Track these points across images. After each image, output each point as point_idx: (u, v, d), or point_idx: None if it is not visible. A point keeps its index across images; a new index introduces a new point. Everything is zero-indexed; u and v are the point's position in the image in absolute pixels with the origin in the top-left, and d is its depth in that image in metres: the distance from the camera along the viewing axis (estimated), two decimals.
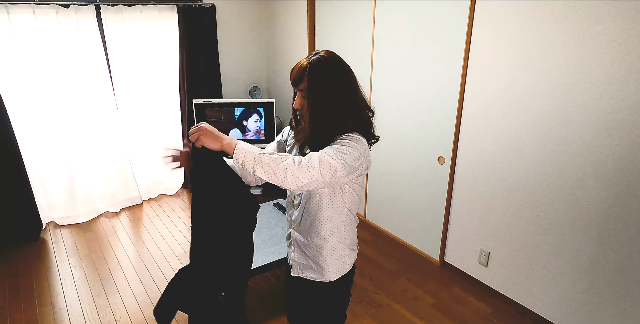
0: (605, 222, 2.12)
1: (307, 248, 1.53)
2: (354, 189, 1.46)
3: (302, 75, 1.33)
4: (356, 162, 1.32)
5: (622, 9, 1.87)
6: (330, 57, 1.34)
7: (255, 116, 4.13)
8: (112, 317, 2.59)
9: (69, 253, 3.28)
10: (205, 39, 3.98)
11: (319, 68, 1.32)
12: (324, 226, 1.47)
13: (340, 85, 1.35)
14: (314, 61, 1.32)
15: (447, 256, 3.05)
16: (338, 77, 1.34)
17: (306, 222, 1.51)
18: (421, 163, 3.05)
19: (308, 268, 1.55)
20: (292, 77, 1.36)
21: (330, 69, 1.33)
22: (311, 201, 1.46)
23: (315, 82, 1.32)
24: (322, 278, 1.54)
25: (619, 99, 1.95)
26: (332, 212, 1.46)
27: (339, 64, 1.36)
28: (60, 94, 3.46)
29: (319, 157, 1.25)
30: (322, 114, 1.35)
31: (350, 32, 3.39)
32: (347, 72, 1.37)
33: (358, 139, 1.36)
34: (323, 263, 1.52)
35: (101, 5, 3.45)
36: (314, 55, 1.35)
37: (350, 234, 1.55)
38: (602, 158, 2.07)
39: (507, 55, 2.35)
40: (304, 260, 1.55)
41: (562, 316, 2.42)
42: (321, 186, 1.28)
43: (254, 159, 1.21)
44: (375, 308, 2.68)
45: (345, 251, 1.54)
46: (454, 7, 2.57)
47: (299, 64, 1.35)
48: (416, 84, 2.94)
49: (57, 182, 3.68)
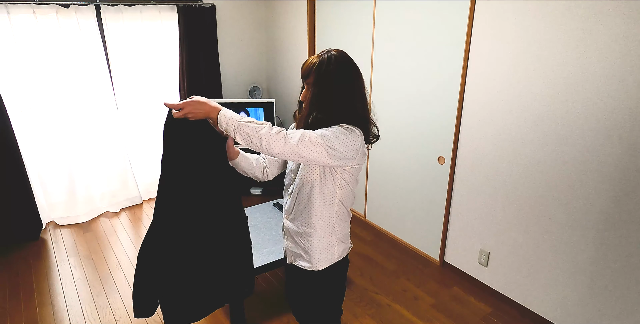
0: (605, 222, 2.12)
1: (297, 236, 1.60)
2: (345, 180, 1.51)
3: (310, 69, 1.43)
4: (343, 148, 1.38)
5: (622, 9, 1.87)
6: (340, 55, 1.44)
7: (243, 113, 4.06)
8: (112, 317, 2.59)
9: (69, 253, 3.28)
10: (205, 39, 3.98)
11: (327, 64, 1.41)
12: (314, 214, 1.53)
13: (344, 81, 1.43)
14: (324, 58, 1.42)
15: (447, 256, 3.05)
16: (343, 74, 1.43)
17: (297, 210, 1.57)
18: (421, 163, 3.05)
19: (299, 256, 1.61)
20: (302, 71, 1.46)
21: (338, 66, 1.42)
22: (303, 189, 1.52)
23: (321, 76, 1.41)
24: (310, 267, 1.59)
25: (619, 99, 1.95)
26: (322, 201, 1.51)
27: (347, 62, 1.44)
28: (60, 94, 3.46)
29: (302, 132, 1.33)
30: (321, 103, 1.43)
31: (350, 32, 3.39)
32: (354, 70, 1.45)
33: (351, 130, 1.41)
34: (311, 251, 1.58)
35: (101, 5, 3.45)
36: (326, 53, 1.44)
37: (341, 225, 1.60)
38: (602, 158, 2.07)
39: (507, 55, 2.35)
40: (295, 248, 1.62)
41: (562, 316, 2.42)
42: (298, 158, 1.33)
43: (234, 126, 1.29)
44: (375, 308, 2.68)
45: (333, 241, 1.59)
46: (454, 7, 2.57)
47: (309, 60, 1.45)
48: (416, 84, 2.94)
49: (57, 182, 3.68)
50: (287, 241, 1.66)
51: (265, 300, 2.75)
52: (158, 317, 2.58)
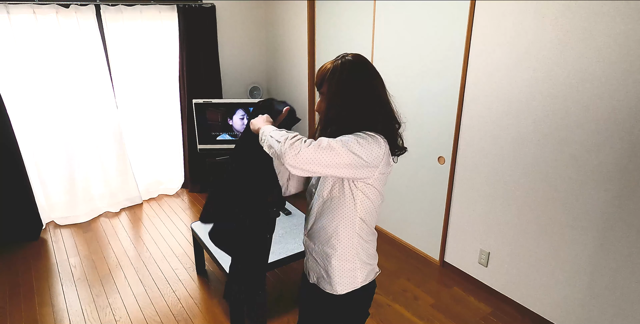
0: (605, 222, 2.12)
1: (317, 255, 1.47)
2: (367, 195, 1.35)
3: (323, 78, 1.30)
4: (367, 154, 1.22)
5: (622, 9, 1.87)
6: (355, 60, 1.29)
7: (239, 111, 3.92)
8: (112, 317, 2.59)
9: (69, 253, 3.28)
10: (205, 39, 3.98)
11: (341, 70, 1.27)
12: (333, 234, 1.39)
13: (361, 89, 1.28)
14: (337, 64, 1.28)
15: (447, 256, 3.05)
16: (360, 82, 1.28)
17: (316, 228, 1.45)
18: (421, 163, 3.05)
19: (320, 276, 1.48)
20: (316, 79, 1.34)
21: (353, 72, 1.27)
22: (320, 205, 1.40)
23: (335, 85, 1.27)
24: (331, 290, 1.45)
25: (619, 99, 1.95)
26: (342, 219, 1.37)
27: (364, 67, 1.29)
28: (61, 94, 3.46)
29: (320, 138, 1.21)
30: (337, 115, 1.29)
31: (350, 32, 3.39)
32: (372, 76, 1.31)
33: (374, 137, 1.26)
34: (332, 273, 1.43)
35: (101, 5, 3.45)
36: (341, 58, 1.30)
37: (364, 246, 1.44)
38: (602, 158, 2.07)
39: (507, 55, 2.35)
40: (317, 268, 1.49)
41: (562, 316, 2.42)
42: (311, 167, 1.18)
43: (263, 139, 1.29)
44: (375, 308, 2.68)
45: (356, 264, 1.43)
46: (454, 7, 2.57)
47: (323, 67, 1.31)
48: (416, 84, 2.94)
49: (57, 182, 3.68)
50: (309, 260, 1.52)
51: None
52: (158, 317, 2.58)
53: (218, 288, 2.87)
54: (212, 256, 2.56)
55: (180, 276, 2.98)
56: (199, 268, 3.01)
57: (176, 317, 2.59)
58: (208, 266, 3.09)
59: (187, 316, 2.60)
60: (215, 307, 2.68)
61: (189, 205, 4.09)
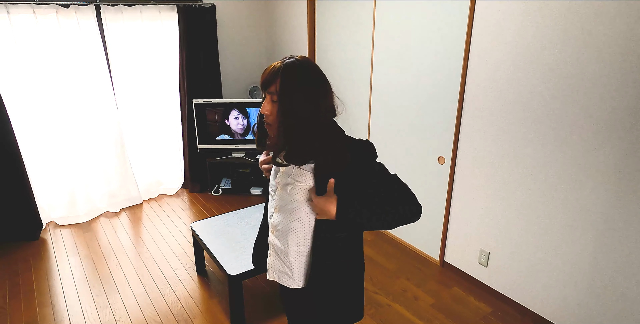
0: (605, 222, 2.12)
1: (282, 254, 1.51)
2: None
3: (274, 76, 1.28)
4: None
5: (622, 9, 1.87)
6: (304, 60, 1.31)
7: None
8: (112, 317, 2.59)
9: (69, 253, 3.28)
10: (205, 39, 3.98)
11: (293, 69, 1.27)
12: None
13: (314, 86, 1.30)
14: (288, 63, 1.28)
15: (447, 256, 3.05)
16: (311, 79, 1.30)
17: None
18: (421, 163, 3.05)
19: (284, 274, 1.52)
20: (263, 79, 1.30)
21: (305, 71, 1.29)
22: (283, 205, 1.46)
23: (288, 82, 1.26)
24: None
25: (619, 99, 1.95)
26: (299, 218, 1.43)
27: (313, 67, 1.32)
28: (60, 94, 3.46)
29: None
30: (293, 117, 1.29)
31: (351, 32, 3.39)
32: (320, 75, 1.33)
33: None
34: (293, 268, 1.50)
35: (101, 5, 3.45)
36: (289, 58, 1.30)
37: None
38: (602, 158, 2.07)
39: (507, 55, 2.35)
40: (281, 265, 1.53)
41: (562, 316, 2.42)
42: None
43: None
44: (375, 308, 2.68)
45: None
46: (454, 7, 2.57)
47: (271, 66, 1.30)
48: (416, 84, 2.94)
49: (57, 182, 3.68)
50: (273, 258, 1.55)
51: (265, 300, 2.75)
52: (158, 317, 2.58)
53: (218, 288, 2.87)
54: (212, 256, 2.56)
55: (180, 276, 2.98)
56: (199, 268, 3.01)
57: (176, 317, 2.59)
58: (208, 266, 3.09)
59: (187, 316, 2.60)
60: (215, 307, 2.68)
61: (189, 205, 4.09)
